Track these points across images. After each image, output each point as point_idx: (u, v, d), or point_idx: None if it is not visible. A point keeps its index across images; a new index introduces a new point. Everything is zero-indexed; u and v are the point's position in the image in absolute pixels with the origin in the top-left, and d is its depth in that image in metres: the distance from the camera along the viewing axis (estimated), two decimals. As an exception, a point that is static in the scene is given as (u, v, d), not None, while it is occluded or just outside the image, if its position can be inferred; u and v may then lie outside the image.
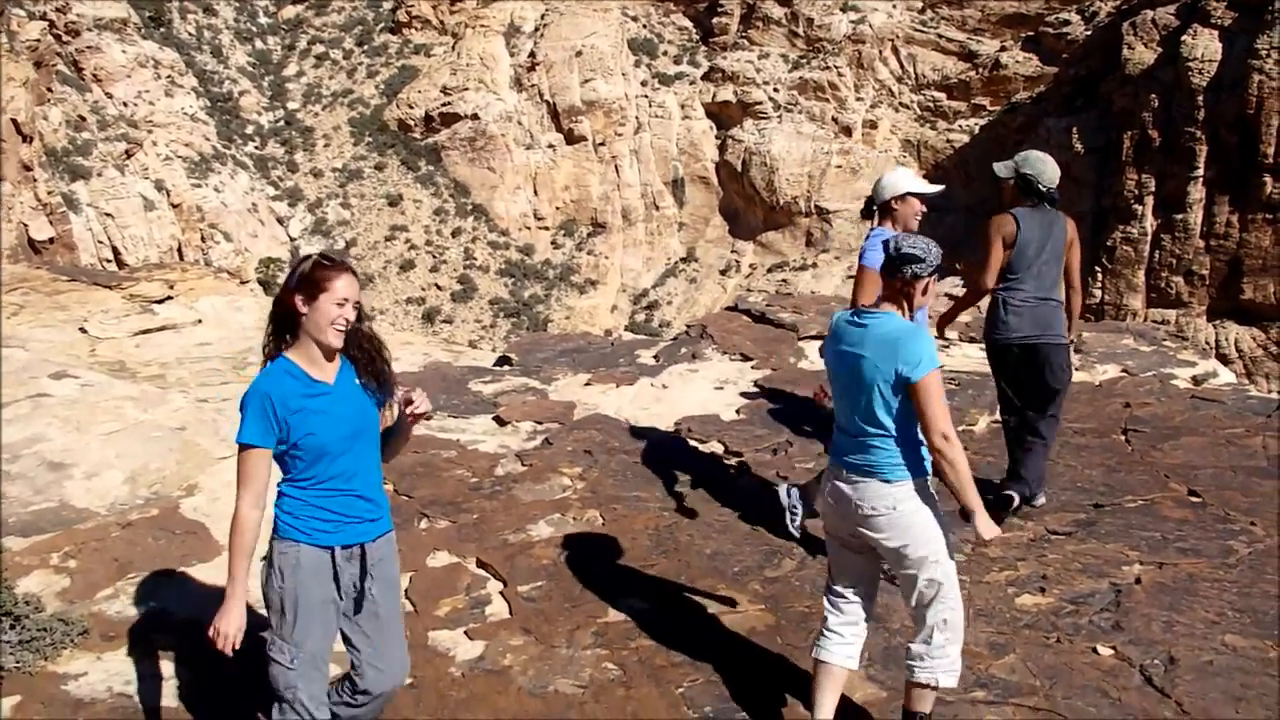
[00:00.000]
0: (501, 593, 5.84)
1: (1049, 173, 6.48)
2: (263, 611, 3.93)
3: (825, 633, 4.51)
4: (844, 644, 4.47)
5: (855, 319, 4.42)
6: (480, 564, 6.15)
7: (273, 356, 3.80)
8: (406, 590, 5.80)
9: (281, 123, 76.02)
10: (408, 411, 4.00)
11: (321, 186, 71.83)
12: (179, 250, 54.78)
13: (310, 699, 3.81)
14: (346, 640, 3.97)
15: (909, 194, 5.99)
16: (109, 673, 4.99)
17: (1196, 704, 4.69)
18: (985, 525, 4.25)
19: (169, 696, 4.84)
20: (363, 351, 3.90)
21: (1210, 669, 4.95)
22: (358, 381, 3.88)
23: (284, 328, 3.80)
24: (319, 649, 3.84)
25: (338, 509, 3.82)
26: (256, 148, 73.08)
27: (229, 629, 3.71)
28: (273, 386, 3.71)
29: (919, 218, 6.01)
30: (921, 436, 4.28)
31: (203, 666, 5.03)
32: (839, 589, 4.54)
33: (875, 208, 6.07)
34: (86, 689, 4.87)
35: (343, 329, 3.76)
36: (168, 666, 5.03)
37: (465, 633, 5.41)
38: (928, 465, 4.33)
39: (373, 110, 75.52)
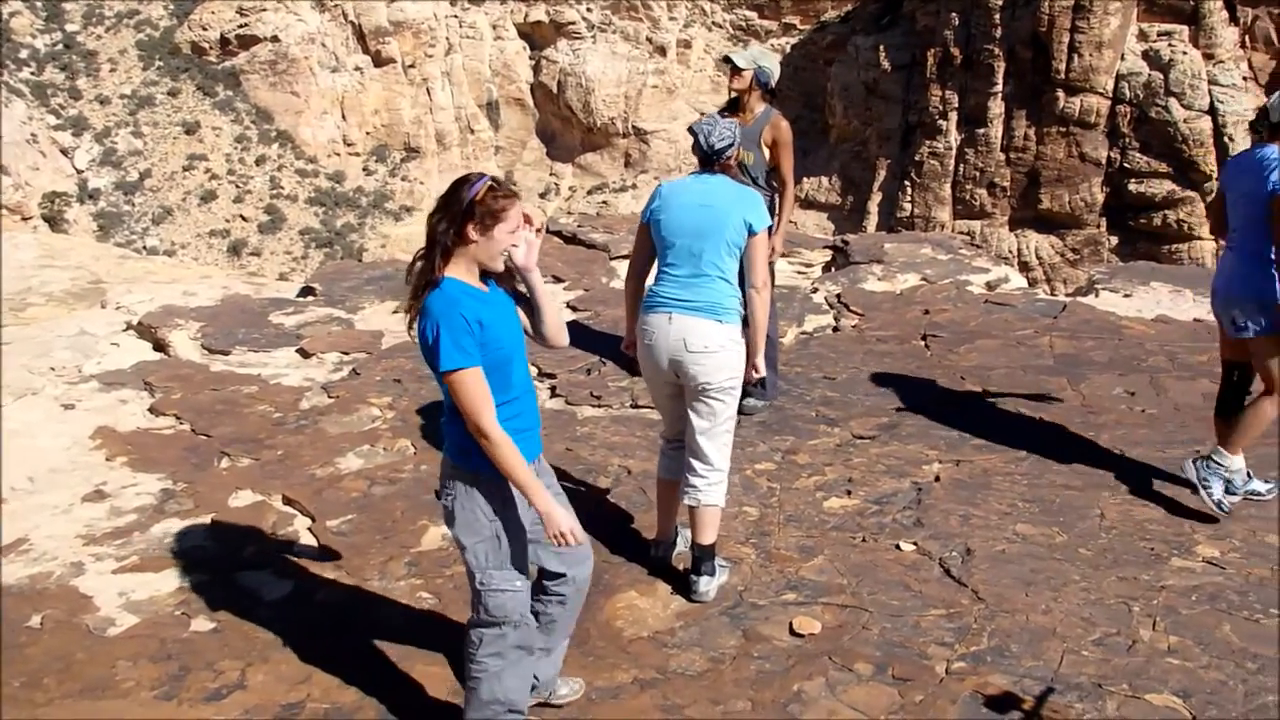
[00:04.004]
0: (310, 529, 5.68)
1: (777, 72, 6.75)
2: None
3: (662, 455, 5.13)
4: (663, 460, 5.10)
5: (695, 181, 4.93)
6: (286, 501, 5.96)
7: (436, 281, 3.56)
8: (208, 533, 5.60)
9: (60, 46, 71.21)
10: (528, 239, 3.74)
11: (109, 114, 67.97)
12: (-53, 186, 51.15)
13: (528, 608, 3.81)
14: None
15: None
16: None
17: (991, 591, 4.89)
18: (760, 365, 5.05)
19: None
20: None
21: (1003, 557, 5.18)
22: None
23: (443, 250, 3.60)
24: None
25: (521, 424, 3.71)
26: (33, 73, 68.39)
27: (568, 523, 3.63)
28: (465, 304, 3.53)
29: None
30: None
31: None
32: (675, 433, 5.04)
33: (1266, 125, 5.33)
34: None
35: (503, 255, 3.64)
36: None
37: (272, 572, 5.24)
38: (743, 312, 4.93)
39: (162, 32, 71.57)
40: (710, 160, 4.91)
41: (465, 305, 3.54)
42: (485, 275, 3.69)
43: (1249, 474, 5.71)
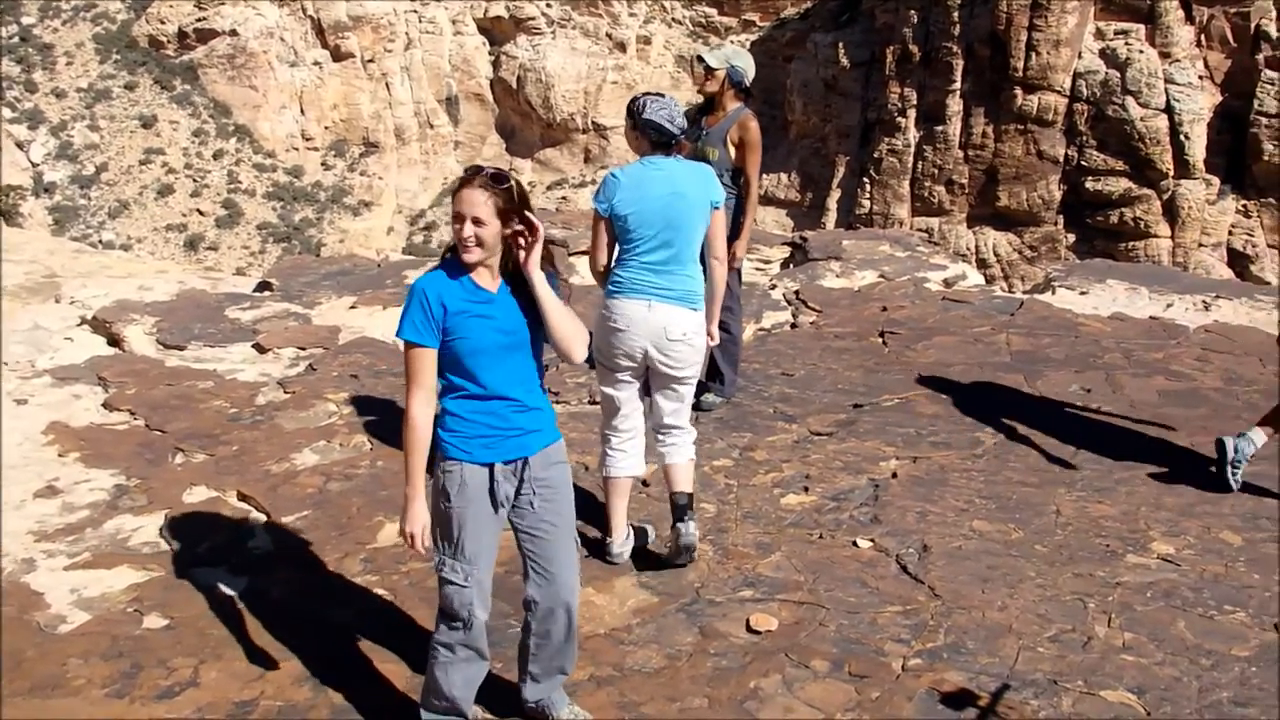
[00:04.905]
0: (265, 525, 5.62)
1: (751, 70, 6.70)
2: None
3: (610, 453, 5.09)
4: (629, 457, 5.09)
5: (653, 168, 4.88)
6: (241, 497, 5.89)
7: (441, 260, 3.70)
8: (161, 529, 5.53)
9: (16, 39, 70.24)
10: (522, 245, 3.63)
11: (65, 108, 67.13)
12: (-101, 178, 50.34)
13: (483, 616, 3.77)
14: (519, 546, 3.92)
15: None
16: None
17: (947, 587, 4.92)
18: (714, 333, 5.37)
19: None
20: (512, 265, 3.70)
21: (960, 553, 5.21)
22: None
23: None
24: (488, 565, 3.79)
25: (496, 423, 3.68)
26: (-12, 66, 67.47)
27: (415, 528, 3.63)
28: (433, 284, 3.62)
29: None
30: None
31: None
32: (625, 419, 5.07)
33: None
34: None
35: (466, 245, 3.56)
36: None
37: (227, 569, 5.18)
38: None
39: (119, 25, 70.72)
40: (672, 142, 4.91)
41: (437, 285, 3.60)
42: (509, 275, 3.69)
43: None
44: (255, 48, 68.17)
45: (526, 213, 3.62)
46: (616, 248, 5.01)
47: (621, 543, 5.15)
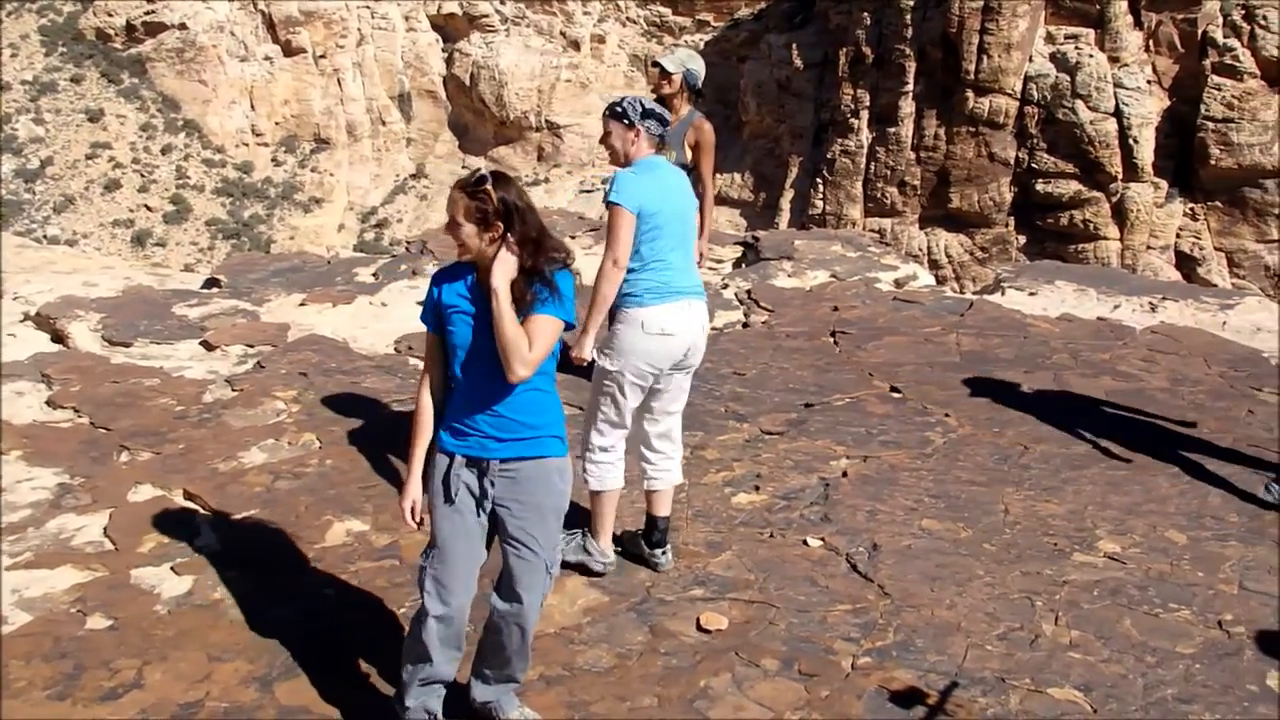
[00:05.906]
0: (211, 524, 5.53)
1: (703, 73, 6.77)
2: None
3: (612, 465, 4.96)
4: (621, 465, 5.01)
5: (657, 167, 4.87)
6: (188, 495, 5.81)
7: None
8: (106, 528, 5.44)
9: (-42, 31, 69.15)
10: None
11: (10, 100, 66.07)
12: None
13: (432, 598, 3.77)
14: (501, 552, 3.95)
15: None
16: None
17: (897, 586, 4.94)
18: None
19: None
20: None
21: (909, 552, 5.24)
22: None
23: None
24: (450, 552, 3.77)
25: (463, 418, 3.75)
26: (-70, 58, 66.33)
27: (404, 504, 3.82)
28: (442, 277, 3.79)
29: None
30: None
31: None
32: (626, 428, 4.96)
33: None
34: None
35: (458, 245, 3.65)
36: None
37: (172, 568, 5.11)
38: None
39: (66, 18, 69.68)
40: (665, 139, 4.99)
41: (443, 277, 3.77)
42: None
43: None
44: (205, 42, 67.43)
45: (510, 237, 3.59)
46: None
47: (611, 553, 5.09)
